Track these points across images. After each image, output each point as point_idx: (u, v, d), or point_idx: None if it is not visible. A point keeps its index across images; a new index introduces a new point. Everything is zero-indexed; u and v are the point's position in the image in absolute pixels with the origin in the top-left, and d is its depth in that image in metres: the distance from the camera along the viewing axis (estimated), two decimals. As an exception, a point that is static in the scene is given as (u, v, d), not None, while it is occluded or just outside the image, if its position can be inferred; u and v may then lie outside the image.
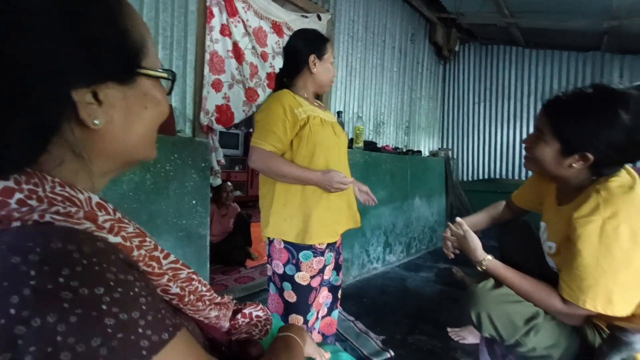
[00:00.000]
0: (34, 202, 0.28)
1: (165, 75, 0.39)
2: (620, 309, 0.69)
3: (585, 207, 0.73)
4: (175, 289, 0.38)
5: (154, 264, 0.35)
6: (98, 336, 0.23)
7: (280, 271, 1.13)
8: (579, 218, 0.72)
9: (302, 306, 1.12)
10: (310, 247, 1.10)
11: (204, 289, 0.46)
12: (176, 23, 1.64)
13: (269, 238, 1.15)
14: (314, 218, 1.08)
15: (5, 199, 0.27)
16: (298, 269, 1.10)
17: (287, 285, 1.12)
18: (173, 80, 0.41)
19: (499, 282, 0.84)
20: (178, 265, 0.42)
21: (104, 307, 0.24)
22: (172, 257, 0.41)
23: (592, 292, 0.70)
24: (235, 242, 2.77)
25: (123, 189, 1.35)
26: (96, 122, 0.32)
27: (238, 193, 5.02)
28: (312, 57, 1.10)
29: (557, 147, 0.78)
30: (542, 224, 0.93)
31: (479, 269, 0.89)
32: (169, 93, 0.43)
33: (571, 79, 3.31)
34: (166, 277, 0.37)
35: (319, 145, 1.09)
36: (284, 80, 1.17)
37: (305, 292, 1.11)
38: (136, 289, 0.27)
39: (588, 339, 0.77)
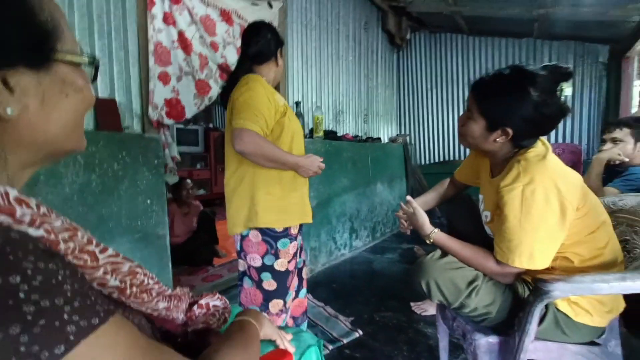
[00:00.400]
0: None
1: (84, 59, 0.37)
2: (540, 262, 0.79)
3: (508, 176, 0.82)
4: (114, 282, 0.37)
5: (85, 257, 0.34)
6: (17, 323, 0.23)
7: (258, 264, 1.14)
8: (504, 187, 0.81)
9: (282, 291, 1.16)
10: (287, 235, 1.14)
11: (151, 281, 0.45)
12: (113, 9, 1.52)
13: (242, 234, 1.14)
14: (296, 201, 1.15)
15: None
16: (277, 257, 1.13)
17: (266, 275, 1.14)
18: (96, 66, 0.39)
19: (444, 253, 0.93)
20: (118, 259, 0.40)
21: (22, 295, 0.24)
22: (110, 251, 0.39)
23: (518, 251, 0.79)
24: (201, 241, 2.69)
25: (66, 192, 1.25)
26: (8, 110, 0.30)
27: (202, 192, 4.84)
28: (279, 51, 1.16)
29: (483, 123, 0.87)
30: (480, 196, 1.03)
31: (427, 242, 0.97)
32: (94, 80, 0.41)
33: (509, 62, 3.57)
34: (102, 270, 0.35)
35: (295, 134, 1.15)
36: (250, 65, 1.14)
37: (284, 278, 1.15)
38: (59, 277, 0.26)
39: (519, 294, 0.87)
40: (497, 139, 0.86)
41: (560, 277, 0.76)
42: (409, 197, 1.04)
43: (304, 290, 1.39)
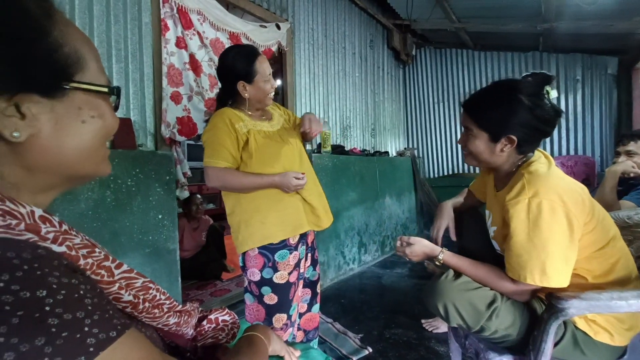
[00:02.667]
0: None
1: (103, 89, 0.39)
2: (555, 279, 0.76)
3: (513, 190, 0.81)
4: (127, 297, 0.38)
5: (103, 272, 0.35)
6: (42, 335, 0.24)
7: (257, 278, 1.13)
8: (509, 200, 0.80)
9: (284, 304, 1.14)
10: (285, 246, 1.13)
11: (163, 297, 0.46)
12: (130, 35, 1.61)
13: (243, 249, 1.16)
14: (291, 211, 1.13)
15: None
16: (275, 270, 1.12)
17: (266, 289, 1.13)
18: (117, 95, 0.41)
19: (458, 272, 0.89)
20: (132, 275, 0.42)
21: (47, 308, 0.25)
22: (125, 267, 0.41)
23: (529, 266, 0.77)
24: (210, 256, 2.71)
25: (81, 207, 1.29)
26: (15, 134, 0.32)
27: (211, 206, 4.90)
28: (240, 85, 1.11)
29: (485, 137, 0.87)
30: (487, 212, 1.02)
31: (437, 263, 0.94)
32: (116, 109, 0.43)
33: (517, 76, 3.60)
34: (117, 285, 0.37)
35: (270, 158, 1.12)
36: (225, 100, 1.19)
37: (285, 290, 1.14)
38: (81, 291, 0.28)
39: (537, 312, 0.85)
40: (503, 149, 0.86)
41: (574, 294, 0.74)
42: (399, 237, 1.01)
43: (317, 305, 1.36)
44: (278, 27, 2.34)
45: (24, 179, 0.34)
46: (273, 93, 1.18)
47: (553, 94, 0.84)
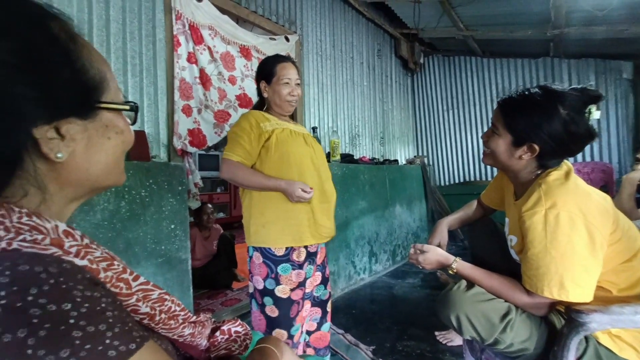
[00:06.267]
0: (1, 232, 0.29)
1: (126, 107, 0.41)
2: (574, 293, 0.73)
3: (530, 201, 0.79)
4: (145, 309, 0.39)
5: (122, 284, 0.36)
6: (67, 347, 0.25)
7: (261, 286, 1.13)
8: (525, 211, 0.78)
9: (285, 320, 1.12)
10: (288, 260, 1.12)
11: (178, 308, 0.47)
12: (145, 51, 1.67)
13: (249, 254, 1.17)
14: (294, 222, 1.13)
15: None
16: (277, 283, 1.11)
17: (268, 300, 1.12)
18: (136, 112, 0.44)
19: (471, 283, 0.87)
20: (149, 287, 0.43)
21: (72, 321, 0.26)
22: (141, 279, 0.42)
23: (547, 279, 0.74)
24: (221, 265, 2.72)
25: (97, 218, 1.32)
26: (59, 155, 0.34)
27: (221, 215, 4.94)
28: (262, 84, 1.22)
29: (509, 138, 0.85)
30: (506, 220, 1.00)
31: (450, 272, 0.92)
32: (134, 123, 0.45)
33: (527, 82, 3.57)
34: (135, 297, 0.38)
35: (289, 154, 1.14)
36: (261, 104, 1.28)
37: (286, 306, 1.12)
38: (102, 304, 0.29)
39: (555, 326, 0.82)
40: (523, 156, 0.84)
41: (596, 308, 0.71)
42: (412, 245, 1.01)
43: (327, 325, 1.33)
44: (287, 40, 2.39)
45: (56, 194, 0.36)
46: (293, 99, 1.21)
47: (596, 114, 0.80)
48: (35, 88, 0.31)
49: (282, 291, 1.12)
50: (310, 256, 1.19)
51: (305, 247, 1.17)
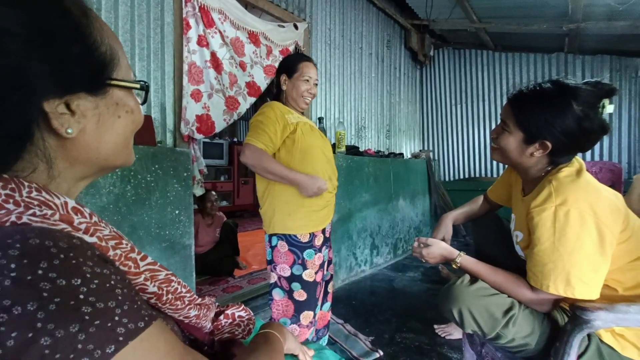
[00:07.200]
0: (11, 206, 0.29)
1: (136, 85, 0.40)
2: (580, 290, 0.73)
3: (539, 197, 0.78)
4: (152, 288, 0.39)
5: (130, 263, 0.36)
6: (76, 322, 0.25)
7: (288, 274, 1.18)
8: (534, 207, 0.77)
9: (312, 302, 1.19)
10: (311, 246, 1.19)
11: (184, 290, 0.47)
12: (152, 35, 1.65)
13: (271, 244, 1.21)
14: (317, 209, 1.20)
15: None
16: (305, 268, 1.18)
17: (296, 285, 1.18)
18: (146, 91, 0.43)
19: (474, 277, 0.87)
20: (156, 267, 0.43)
21: (81, 296, 0.26)
22: (149, 259, 0.42)
23: (553, 276, 0.74)
24: (223, 252, 2.75)
25: (103, 201, 1.33)
26: (69, 130, 0.34)
27: (224, 203, 4.97)
28: (282, 77, 1.27)
29: (520, 136, 0.83)
30: (512, 216, 0.99)
31: (454, 267, 0.92)
32: (144, 103, 0.45)
33: (539, 78, 3.47)
34: (143, 276, 0.38)
35: (312, 148, 1.21)
36: (279, 96, 1.32)
37: (313, 288, 1.19)
38: (112, 282, 0.29)
39: (558, 323, 0.81)
40: (534, 153, 0.83)
41: (601, 306, 0.70)
42: (416, 238, 1.00)
43: (328, 304, 1.41)
44: (296, 27, 2.35)
45: (65, 171, 0.36)
46: (309, 97, 1.27)
47: (609, 108, 0.77)
48: (46, 61, 0.31)
49: (309, 275, 1.18)
50: (326, 240, 1.28)
51: (323, 232, 1.25)
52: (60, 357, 0.24)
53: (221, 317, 0.57)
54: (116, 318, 0.27)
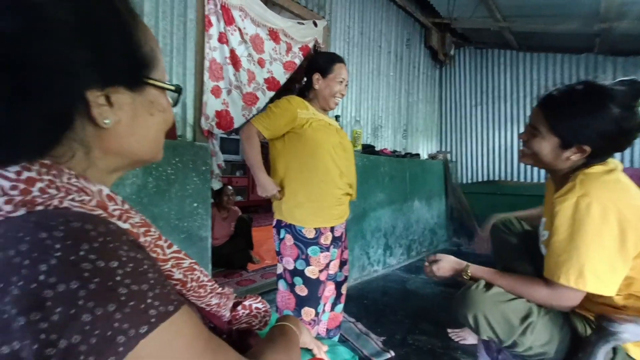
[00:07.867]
0: (53, 191, 0.31)
1: (171, 87, 0.43)
2: (592, 284, 0.70)
3: (564, 188, 0.77)
4: (178, 275, 0.41)
5: (158, 250, 0.38)
6: (113, 302, 0.26)
7: (291, 267, 1.20)
8: (557, 197, 0.76)
9: (313, 299, 1.20)
10: (317, 243, 1.19)
11: (205, 278, 0.48)
12: (175, 31, 1.69)
13: (279, 236, 1.24)
14: (311, 205, 1.21)
15: (29, 187, 0.30)
16: (307, 264, 1.19)
17: (298, 280, 1.20)
18: (179, 93, 0.45)
19: (490, 283, 0.85)
20: (181, 255, 0.44)
21: (118, 278, 0.27)
22: (175, 247, 0.44)
23: (566, 266, 0.72)
24: (237, 246, 2.80)
25: (126, 191, 1.38)
26: (106, 121, 0.36)
27: (239, 198, 5.05)
28: (316, 75, 1.28)
29: (555, 141, 0.81)
30: (542, 219, 0.96)
31: (465, 277, 0.91)
32: (175, 105, 0.47)
33: (565, 80, 3.36)
34: (169, 263, 0.39)
35: (324, 143, 1.21)
36: (304, 91, 1.34)
37: (315, 286, 1.19)
38: (145, 266, 0.30)
39: (578, 332, 0.79)
40: (572, 157, 0.80)
41: (630, 318, 0.68)
42: (426, 258, 1.02)
43: (340, 305, 1.40)
44: (315, 24, 2.35)
45: (99, 161, 0.38)
46: (338, 99, 1.30)
47: None
48: (93, 52, 0.32)
49: (311, 272, 1.19)
50: (336, 240, 1.27)
51: (332, 230, 1.24)
52: (99, 333, 0.25)
53: (239, 307, 0.58)
54: (149, 301, 0.29)
